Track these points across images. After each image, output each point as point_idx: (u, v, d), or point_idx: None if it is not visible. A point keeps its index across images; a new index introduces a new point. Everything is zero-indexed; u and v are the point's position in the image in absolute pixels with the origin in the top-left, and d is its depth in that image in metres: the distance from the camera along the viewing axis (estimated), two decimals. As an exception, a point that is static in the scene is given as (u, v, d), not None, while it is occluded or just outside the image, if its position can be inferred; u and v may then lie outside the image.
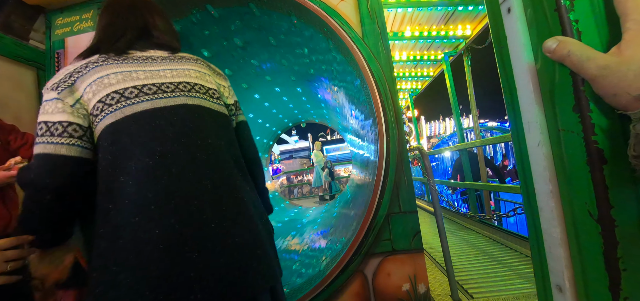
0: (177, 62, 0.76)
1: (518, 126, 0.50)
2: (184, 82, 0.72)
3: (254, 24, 2.27)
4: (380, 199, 1.63)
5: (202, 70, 0.79)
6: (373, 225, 1.63)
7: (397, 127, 1.67)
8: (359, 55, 1.70)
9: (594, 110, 0.37)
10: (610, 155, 0.37)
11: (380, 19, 1.79)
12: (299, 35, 2.28)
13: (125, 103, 0.64)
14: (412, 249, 1.64)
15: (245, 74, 3.08)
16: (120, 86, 0.65)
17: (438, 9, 3.58)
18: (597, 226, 0.38)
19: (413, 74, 5.63)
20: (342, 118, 3.42)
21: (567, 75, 0.39)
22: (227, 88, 0.86)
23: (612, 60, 0.35)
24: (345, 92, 2.58)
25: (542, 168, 0.46)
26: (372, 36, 1.77)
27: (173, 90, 0.69)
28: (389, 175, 1.64)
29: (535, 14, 0.43)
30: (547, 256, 0.48)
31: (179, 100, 0.69)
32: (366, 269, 1.66)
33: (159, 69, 0.71)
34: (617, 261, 0.37)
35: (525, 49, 0.45)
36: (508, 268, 2.31)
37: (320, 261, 1.94)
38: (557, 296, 0.47)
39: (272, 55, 2.74)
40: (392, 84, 1.72)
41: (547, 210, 0.46)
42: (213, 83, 0.80)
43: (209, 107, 0.74)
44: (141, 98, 0.66)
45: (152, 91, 0.67)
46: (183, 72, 0.74)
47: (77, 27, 2.11)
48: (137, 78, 0.67)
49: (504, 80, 0.52)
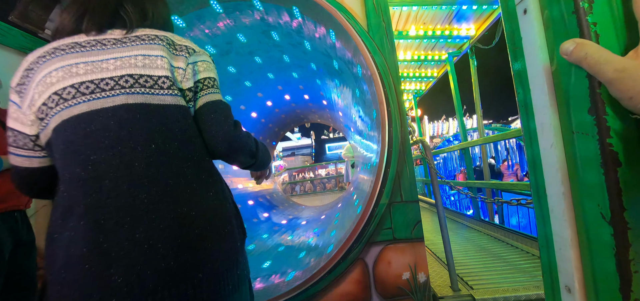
0: (128, 46, 0.65)
1: (531, 127, 0.50)
2: (126, 75, 0.62)
3: (257, 19, 2.27)
4: (382, 188, 1.66)
5: (154, 53, 0.65)
6: (374, 213, 1.66)
7: (399, 118, 1.70)
8: (364, 48, 1.73)
9: (610, 113, 0.38)
10: (625, 158, 0.37)
11: (385, 14, 1.82)
12: (302, 32, 2.28)
13: (62, 106, 0.59)
14: (413, 238, 1.67)
15: (247, 71, 3.08)
16: (59, 86, 0.60)
17: (443, 8, 3.56)
18: (610, 228, 0.39)
19: (417, 74, 5.62)
20: (346, 117, 3.42)
21: (583, 78, 0.39)
22: (184, 70, 0.69)
23: (629, 63, 0.35)
24: (349, 89, 2.58)
25: (554, 169, 0.46)
26: (377, 30, 1.81)
27: (113, 88, 0.61)
28: (390, 164, 1.67)
29: (552, 15, 0.43)
30: (556, 257, 0.49)
31: (118, 100, 0.61)
32: (367, 257, 1.69)
33: (103, 59, 0.62)
34: (629, 264, 0.38)
35: (540, 51, 0.45)
36: (508, 263, 2.32)
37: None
38: (566, 297, 0.48)
39: (274, 51, 2.74)
40: (396, 76, 1.76)
41: (558, 211, 0.46)
42: (164, 69, 0.65)
43: (155, 103, 0.63)
44: (77, 100, 0.60)
45: (90, 90, 0.60)
46: (129, 60, 0.63)
47: None
48: (77, 75, 0.61)
49: (518, 81, 0.52)
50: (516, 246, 2.67)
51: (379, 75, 1.71)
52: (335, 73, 2.60)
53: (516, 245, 2.69)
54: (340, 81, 2.66)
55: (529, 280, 1.95)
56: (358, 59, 1.86)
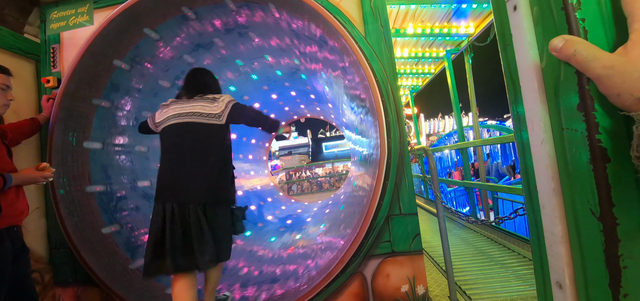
0: (195, 101, 1.56)
1: (521, 124, 0.50)
2: (193, 112, 1.53)
3: (231, 20, 2.23)
4: (381, 201, 1.62)
5: (208, 103, 1.55)
6: (373, 226, 1.62)
7: (398, 128, 1.64)
8: (361, 54, 1.65)
9: (599, 109, 0.38)
10: (614, 154, 0.37)
11: (383, 17, 1.73)
12: (284, 29, 2.23)
13: (165, 122, 1.57)
14: (412, 251, 1.63)
15: (231, 74, 3.07)
16: (166, 115, 1.57)
17: (442, 6, 3.53)
18: (599, 224, 0.39)
19: (414, 70, 5.61)
20: (338, 113, 3.42)
21: (572, 74, 0.39)
22: (217, 106, 1.56)
23: (617, 60, 0.35)
24: (341, 88, 2.57)
25: (544, 166, 0.46)
26: (374, 35, 1.73)
27: (186, 115, 1.53)
28: (389, 176, 1.62)
29: (541, 12, 0.43)
30: (547, 254, 0.49)
31: (186, 119, 1.53)
32: (365, 270, 1.66)
33: (185, 105, 1.55)
34: (618, 259, 0.38)
35: (530, 47, 0.45)
36: (505, 267, 2.34)
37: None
38: (557, 293, 0.48)
39: (254, 52, 2.72)
40: (394, 84, 1.69)
41: (548, 207, 0.46)
42: (210, 109, 1.54)
43: (201, 121, 1.53)
44: (171, 121, 1.55)
45: (177, 115, 1.54)
46: (194, 106, 1.55)
47: (73, 22, 2.07)
48: (173, 110, 1.56)
49: (508, 78, 0.52)
50: (513, 250, 2.68)
51: (376, 82, 1.63)
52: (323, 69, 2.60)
53: (513, 248, 2.71)
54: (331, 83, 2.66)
55: (527, 289, 1.96)
56: (353, 64, 1.79)
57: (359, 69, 1.70)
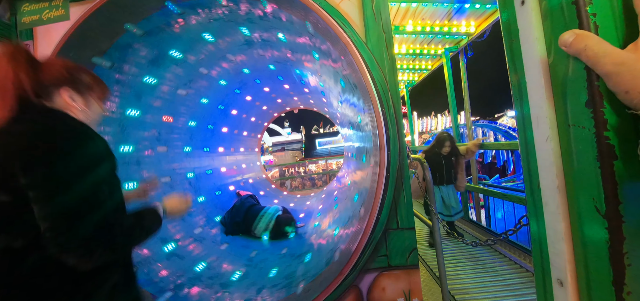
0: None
1: (525, 120, 0.50)
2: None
3: (221, 14, 2.14)
4: (379, 215, 1.60)
5: None
6: (370, 240, 1.61)
7: (398, 141, 1.57)
8: (361, 61, 1.57)
9: (607, 106, 0.37)
10: (621, 152, 0.37)
11: (385, 21, 1.61)
12: (276, 25, 2.18)
13: None
14: (408, 265, 1.62)
15: (223, 70, 3.01)
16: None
17: (443, 5, 3.50)
18: (604, 222, 0.39)
19: (411, 66, 5.59)
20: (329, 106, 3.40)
21: (581, 70, 0.39)
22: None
23: (628, 57, 0.34)
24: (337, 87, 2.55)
25: (549, 163, 0.46)
26: (376, 40, 1.61)
27: None
28: (388, 190, 1.59)
29: (550, 6, 0.42)
30: (549, 251, 0.49)
31: None
32: (361, 283, 1.65)
33: None
34: (622, 257, 0.38)
35: (538, 43, 0.44)
36: (498, 276, 2.36)
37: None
38: (558, 290, 0.48)
39: (247, 47, 2.67)
40: (396, 94, 1.59)
41: (552, 205, 0.46)
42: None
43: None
44: None
45: None
46: None
47: (47, 15, 1.85)
48: None
49: (513, 74, 0.51)
50: (505, 255, 2.70)
51: (376, 92, 1.56)
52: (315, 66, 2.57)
53: (506, 254, 2.72)
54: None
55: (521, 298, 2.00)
56: (352, 69, 1.72)
57: (358, 74, 1.64)
